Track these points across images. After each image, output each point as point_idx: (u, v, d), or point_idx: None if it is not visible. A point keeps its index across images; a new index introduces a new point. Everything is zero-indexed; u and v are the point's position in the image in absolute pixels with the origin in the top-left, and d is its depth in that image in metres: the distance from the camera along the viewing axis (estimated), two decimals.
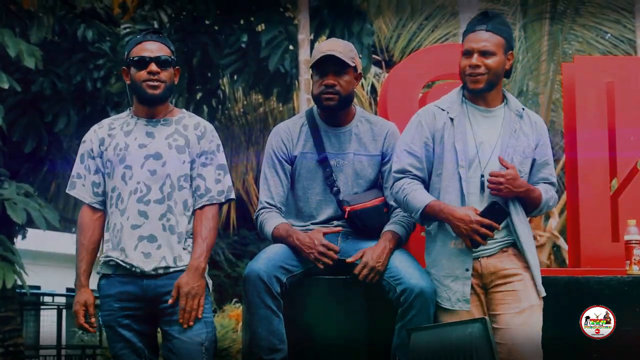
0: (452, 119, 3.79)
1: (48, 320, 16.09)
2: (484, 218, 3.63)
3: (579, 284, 4.01)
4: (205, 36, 9.89)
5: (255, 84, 9.98)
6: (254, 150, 14.41)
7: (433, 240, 3.81)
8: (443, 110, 3.84)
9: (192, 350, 3.65)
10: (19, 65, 8.59)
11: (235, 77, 9.99)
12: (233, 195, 3.89)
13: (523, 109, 3.85)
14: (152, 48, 3.77)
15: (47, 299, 16.84)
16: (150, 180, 3.71)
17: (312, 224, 4.07)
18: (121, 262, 3.68)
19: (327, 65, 3.96)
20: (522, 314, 3.66)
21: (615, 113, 4.59)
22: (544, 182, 3.85)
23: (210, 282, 3.78)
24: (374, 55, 13.13)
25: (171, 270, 3.68)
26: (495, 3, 13.44)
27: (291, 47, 9.23)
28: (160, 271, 3.67)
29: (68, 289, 20.49)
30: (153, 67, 3.74)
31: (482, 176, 3.73)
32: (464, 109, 3.82)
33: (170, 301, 3.64)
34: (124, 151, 3.75)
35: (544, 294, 3.71)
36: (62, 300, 17.31)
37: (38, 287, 17.77)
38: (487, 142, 3.76)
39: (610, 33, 13.56)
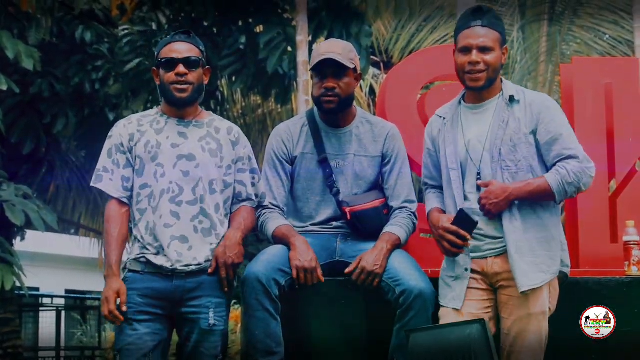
0: (445, 124, 3.80)
1: (47, 321, 16.08)
2: (451, 226, 3.60)
3: (578, 285, 4.00)
4: (204, 38, 9.86)
5: (253, 86, 9.98)
6: (253, 152, 14.38)
7: None
8: (440, 117, 3.85)
9: None
10: (18, 67, 8.58)
11: (234, 78, 9.99)
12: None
13: (512, 95, 3.72)
14: (181, 49, 3.76)
15: (46, 300, 16.83)
16: (183, 181, 3.70)
17: (312, 224, 4.08)
18: (155, 262, 3.66)
19: (327, 68, 3.96)
20: (520, 322, 3.62)
21: (614, 114, 4.59)
22: (559, 160, 3.65)
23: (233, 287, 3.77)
24: (372, 57, 13.12)
25: (202, 274, 3.68)
26: (493, 4, 13.44)
27: (289, 49, 9.23)
28: (193, 268, 3.66)
29: (67, 291, 20.51)
30: (181, 68, 3.72)
31: (479, 174, 3.70)
32: (458, 111, 3.81)
33: (210, 270, 3.67)
34: (156, 149, 3.73)
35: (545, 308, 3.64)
36: (61, 301, 17.31)
37: (37, 289, 17.77)
38: (476, 139, 3.71)
39: (609, 34, 13.56)
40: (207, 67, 3.86)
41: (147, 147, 3.74)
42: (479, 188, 3.68)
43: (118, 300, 3.63)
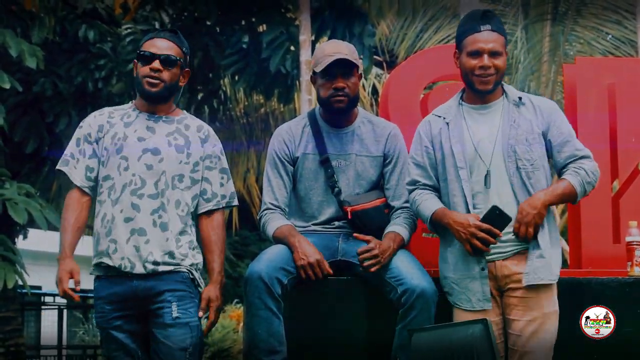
0: (447, 124, 3.80)
1: (49, 320, 16.10)
2: (483, 224, 3.61)
3: (580, 285, 4.01)
4: (207, 37, 9.90)
5: (256, 85, 9.98)
6: (255, 151, 14.40)
7: (446, 245, 3.80)
8: (439, 117, 3.85)
9: (176, 355, 3.65)
10: (21, 66, 8.58)
11: (237, 77, 10.00)
12: (236, 202, 3.94)
13: (520, 97, 3.79)
14: (162, 45, 3.77)
15: (48, 299, 16.86)
16: (146, 175, 3.71)
17: (313, 224, 4.08)
18: (111, 264, 3.67)
19: (336, 68, 3.96)
20: (535, 322, 3.64)
21: (617, 114, 4.59)
22: (572, 160, 3.74)
23: (202, 283, 3.79)
24: (375, 56, 13.12)
25: (159, 270, 3.67)
26: (496, 4, 13.44)
27: (292, 48, 9.23)
28: (150, 271, 3.66)
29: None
30: (156, 64, 3.73)
31: (488, 172, 3.71)
32: (460, 112, 3.81)
33: (200, 314, 3.71)
34: (122, 141, 3.74)
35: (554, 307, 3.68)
36: (63, 300, 17.27)
37: (39, 287, 17.76)
38: (486, 139, 3.73)
39: (612, 34, 13.55)
40: (187, 69, 3.85)
41: (114, 139, 3.75)
42: (486, 184, 3.69)
43: (71, 282, 3.66)
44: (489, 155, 3.71)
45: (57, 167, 3.81)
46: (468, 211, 3.69)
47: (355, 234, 3.93)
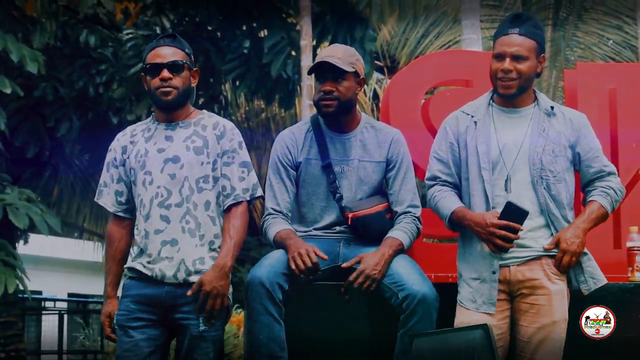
0: (475, 122, 3.79)
1: (49, 325, 16.10)
2: (501, 221, 3.59)
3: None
4: (208, 42, 9.90)
5: (257, 90, 9.98)
6: (256, 156, 14.40)
7: (464, 243, 3.80)
8: (467, 114, 3.84)
9: None
10: (22, 70, 8.59)
11: (238, 82, 9.99)
12: (260, 192, 3.88)
13: (552, 107, 3.79)
14: (165, 53, 3.76)
15: (48, 304, 16.86)
16: (170, 184, 3.71)
17: (315, 229, 4.07)
18: (144, 271, 3.69)
19: (325, 72, 3.96)
20: (544, 329, 3.63)
21: (618, 120, 4.59)
22: (599, 176, 3.78)
23: (230, 298, 3.75)
24: (376, 61, 13.13)
25: (191, 280, 3.67)
26: (497, 10, 13.45)
27: (293, 53, 9.24)
28: (181, 280, 3.66)
29: (69, 294, 20.51)
30: (165, 73, 3.73)
31: (508, 177, 3.70)
32: (489, 112, 3.81)
33: (189, 293, 3.62)
34: (144, 157, 3.76)
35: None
36: (64, 305, 17.31)
37: (40, 292, 17.78)
38: (512, 143, 3.72)
39: (613, 39, 13.56)
40: (195, 69, 3.86)
41: (137, 156, 3.78)
42: (507, 189, 3.69)
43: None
44: (512, 160, 3.71)
45: (95, 199, 3.92)
46: None
47: (342, 265, 3.87)
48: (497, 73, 3.70)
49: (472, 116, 3.81)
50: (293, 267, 3.75)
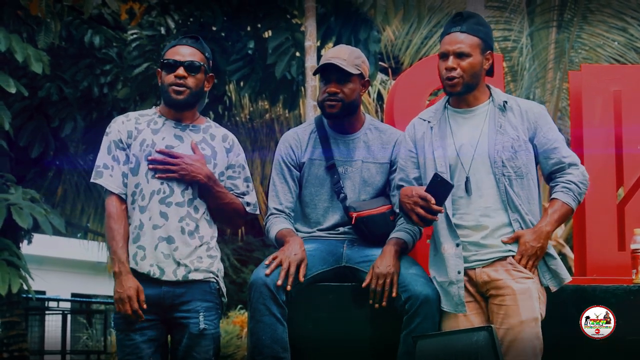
0: (432, 128, 3.78)
1: (53, 325, 16.11)
2: (425, 193, 3.55)
3: (585, 292, 3.99)
4: (212, 42, 9.87)
5: (261, 91, 9.97)
6: (260, 156, 14.41)
7: (432, 249, 3.82)
8: (424, 120, 3.85)
9: None
10: (27, 70, 8.59)
11: (242, 83, 9.98)
12: (257, 212, 3.96)
13: (506, 101, 3.74)
14: (185, 52, 3.78)
15: (52, 304, 16.87)
16: (175, 183, 3.72)
17: (319, 230, 4.08)
18: (139, 271, 3.67)
19: (330, 73, 3.97)
20: (513, 330, 3.58)
21: (622, 121, 4.58)
22: (559, 169, 3.71)
23: (225, 293, 3.81)
24: (380, 62, 13.13)
25: (190, 278, 3.68)
26: (502, 11, 13.44)
27: (298, 54, 9.23)
28: (180, 278, 3.67)
29: (73, 294, 20.53)
30: (180, 71, 3.74)
31: (467, 179, 3.69)
32: (445, 115, 3.80)
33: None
34: (151, 148, 3.75)
35: (540, 313, 3.64)
36: (67, 305, 17.33)
37: (43, 292, 17.79)
38: (468, 143, 3.71)
39: (618, 41, 13.54)
40: (211, 74, 3.87)
41: (143, 145, 3.76)
42: (467, 190, 3.67)
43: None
44: (469, 160, 3.70)
45: (92, 181, 3.77)
46: (449, 217, 3.68)
47: (363, 285, 3.83)
48: (443, 72, 3.70)
49: (429, 122, 3.81)
50: (281, 264, 3.76)
